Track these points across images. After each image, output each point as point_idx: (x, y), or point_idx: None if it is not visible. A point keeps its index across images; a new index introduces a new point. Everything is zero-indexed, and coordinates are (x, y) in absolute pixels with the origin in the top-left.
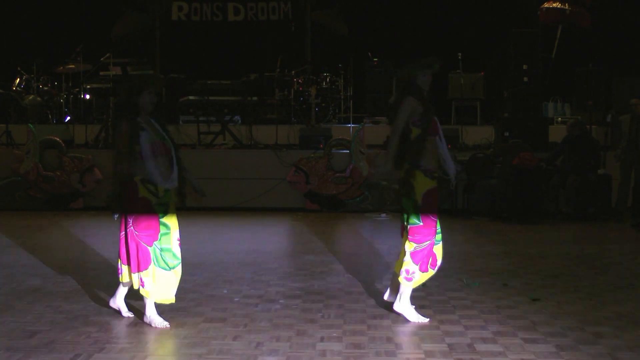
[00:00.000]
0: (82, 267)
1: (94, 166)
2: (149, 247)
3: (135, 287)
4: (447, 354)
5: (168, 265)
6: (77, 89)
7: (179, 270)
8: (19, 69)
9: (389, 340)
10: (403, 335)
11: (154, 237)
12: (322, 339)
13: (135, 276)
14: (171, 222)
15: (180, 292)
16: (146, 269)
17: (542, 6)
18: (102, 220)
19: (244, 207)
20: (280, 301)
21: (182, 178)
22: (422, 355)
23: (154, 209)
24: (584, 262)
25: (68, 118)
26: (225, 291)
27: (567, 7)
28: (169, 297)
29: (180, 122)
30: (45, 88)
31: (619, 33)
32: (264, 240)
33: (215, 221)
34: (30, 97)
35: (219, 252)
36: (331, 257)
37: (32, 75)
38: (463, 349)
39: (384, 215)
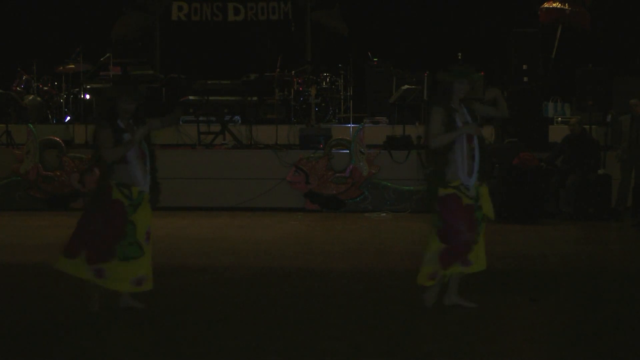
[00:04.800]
0: None
1: (94, 166)
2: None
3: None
4: (447, 354)
5: (128, 257)
6: (77, 89)
7: (142, 262)
8: (19, 69)
9: (389, 340)
10: (403, 334)
11: (120, 237)
12: (322, 339)
13: (91, 267)
14: (139, 219)
15: (179, 293)
16: (105, 261)
17: (542, 6)
18: None
19: (244, 207)
20: (280, 301)
21: (154, 179)
22: (422, 356)
23: (126, 211)
24: (584, 262)
25: (68, 118)
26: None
27: (567, 7)
28: (125, 287)
29: (180, 122)
30: (45, 88)
31: (619, 33)
32: (263, 241)
33: (215, 221)
34: (30, 97)
35: (218, 252)
36: (331, 257)
37: (32, 75)
38: (463, 349)
39: (384, 215)
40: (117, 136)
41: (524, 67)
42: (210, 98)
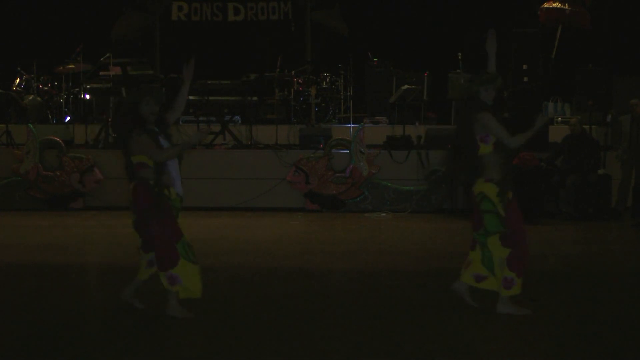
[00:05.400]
0: (82, 267)
1: (94, 166)
2: (176, 244)
3: (166, 285)
4: (447, 354)
5: (192, 259)
6: (77, 89)
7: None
8: (19, 69)
9: (389, 339)
10: (403, 334)
11: (179, 234)
12: (322, 339)
13: (163, 275)
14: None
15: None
16: (176, 265)
17: (542, 6)
18: (102, 221)
19: (244, 207)
20: (281, 301)
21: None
22: (422, 356)
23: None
24: (584, 262)
25: (68, 118)
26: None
27: (567, 7)
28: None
29: (180, 122)
30: (45, 88)
31: (619, 33)
32: (263, 240)
33: (215, 221)
34: (30, 97)
35: (218, 253)
36: (331, 257)
37: (32, 75)
38: (463, 349)
39: (384, 215)
40: (155, 139)
41: (524, 67)
42: (210, 98)
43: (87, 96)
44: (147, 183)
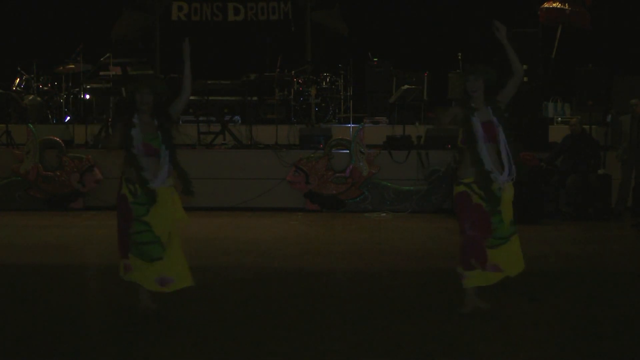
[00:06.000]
0: (82, 267)
1: (94, 166)
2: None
3: (120, 272)
4: (447, 354)
5: (152, 257)
6: (77, 89)
7: (166, 263)
8: (19, 69)
9: (389, 339)
10: (403, 334)
11: (127, 232)
12: (322, 339)
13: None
14: (154, 218)
15: (179, 292)
16: (126, 257)
17: (542, 6)
18: (102, 220)
19: (244, 207)
20: (280, 301)
21: (180, 171)
22: (422, 356)
23: (130, 207)
24: (584, 262)
25: (68, 118)
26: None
27: (567, 7)
28: (150, 286)
29: (180, 122)
30: (45, 88)
31: (619, 33)
32: (263, 241)
33: (215, 221)
34: (30, 97)
35: (218, 253)
36: (331, 257)
37: (32, 75)
38: (463, 349)
39: (384, 215)
40: (125, 130)
41: (524, 67)
42: (210, 98)
43: (87, 96)
44: (121, 176)
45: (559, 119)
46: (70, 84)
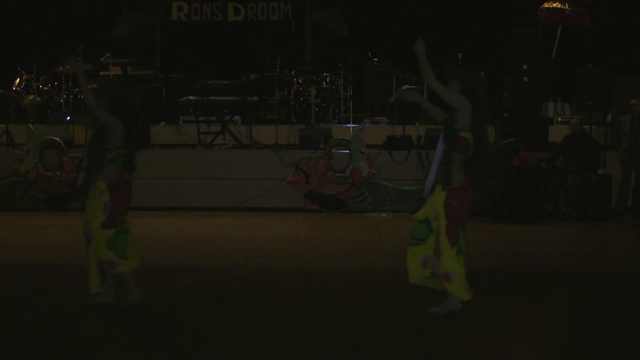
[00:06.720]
0: (82, 267)
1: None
2: None
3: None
4: (447, 354)
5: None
6: (77, 89)
7: None
8: (19, 69)
9: (389, 339)
10: (403, 334)
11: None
12: (322, 339)
13: None
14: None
15: (180, 292)
16: None
17: (542, 6)
18: None
19: (244, 207)
20: (280, 301)
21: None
22: (422, 356)
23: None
24: (584, 262)
25: (68, 118)
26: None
27: (567, 7)
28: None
29: (180, 122)
30: (45, 88)
31: (619, 33)
32: (263, 240)
33: (215, 221)
34: (30, 97)
35: (218, 253)
36: (331, 257)
37: (32, 75)
38: (463, 349)
39: (384, 215)
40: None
41: (524, 67)
42: (210, 98)
43: None
44: None
45: (559, 119)
46: (70, 84)
